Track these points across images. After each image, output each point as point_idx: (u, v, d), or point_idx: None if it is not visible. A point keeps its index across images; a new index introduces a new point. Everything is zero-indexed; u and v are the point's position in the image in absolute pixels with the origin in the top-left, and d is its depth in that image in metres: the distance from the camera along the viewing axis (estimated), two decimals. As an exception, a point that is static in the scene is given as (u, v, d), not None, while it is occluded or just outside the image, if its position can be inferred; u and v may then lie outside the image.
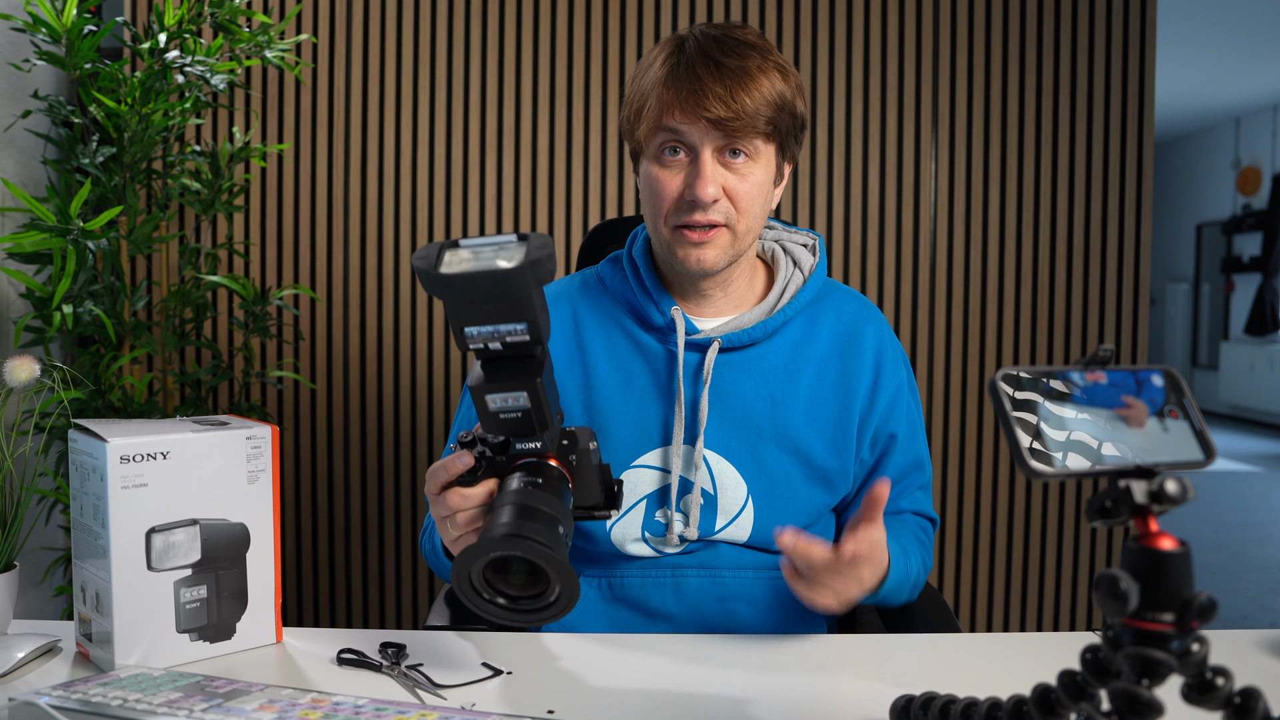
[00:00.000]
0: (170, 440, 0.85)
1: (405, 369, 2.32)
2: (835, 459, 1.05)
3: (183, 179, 1.98)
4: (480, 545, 0.74)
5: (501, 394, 0.76)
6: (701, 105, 0.96)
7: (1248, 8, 5.06)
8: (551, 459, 0.83)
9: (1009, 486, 2.31)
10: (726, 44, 0.99)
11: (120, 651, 0.83)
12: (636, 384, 1.05)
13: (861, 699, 0.79)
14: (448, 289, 0.72)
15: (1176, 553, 0.51)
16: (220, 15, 1.94)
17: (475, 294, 0.71)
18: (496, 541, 0.74)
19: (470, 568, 0.75)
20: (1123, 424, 0.56)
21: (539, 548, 0.73)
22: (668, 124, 0.98)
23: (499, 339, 0.74)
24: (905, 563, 0.99)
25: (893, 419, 1.09)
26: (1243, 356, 7.92)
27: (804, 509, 1.05)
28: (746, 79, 0.96)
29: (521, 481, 0.80)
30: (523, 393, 0.76)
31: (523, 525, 0.75)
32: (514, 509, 0.77)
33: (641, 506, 1.03)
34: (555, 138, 2.29)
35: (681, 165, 1.00)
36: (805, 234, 1.15)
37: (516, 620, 0.77)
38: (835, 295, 1.12)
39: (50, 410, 1.42)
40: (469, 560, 0.75)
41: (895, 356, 1.11)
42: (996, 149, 2.27)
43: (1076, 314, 2.28)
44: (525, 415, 0.77)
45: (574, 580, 0.74)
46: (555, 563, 0.73)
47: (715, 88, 0.96)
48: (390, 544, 2.35)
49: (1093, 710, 0.53)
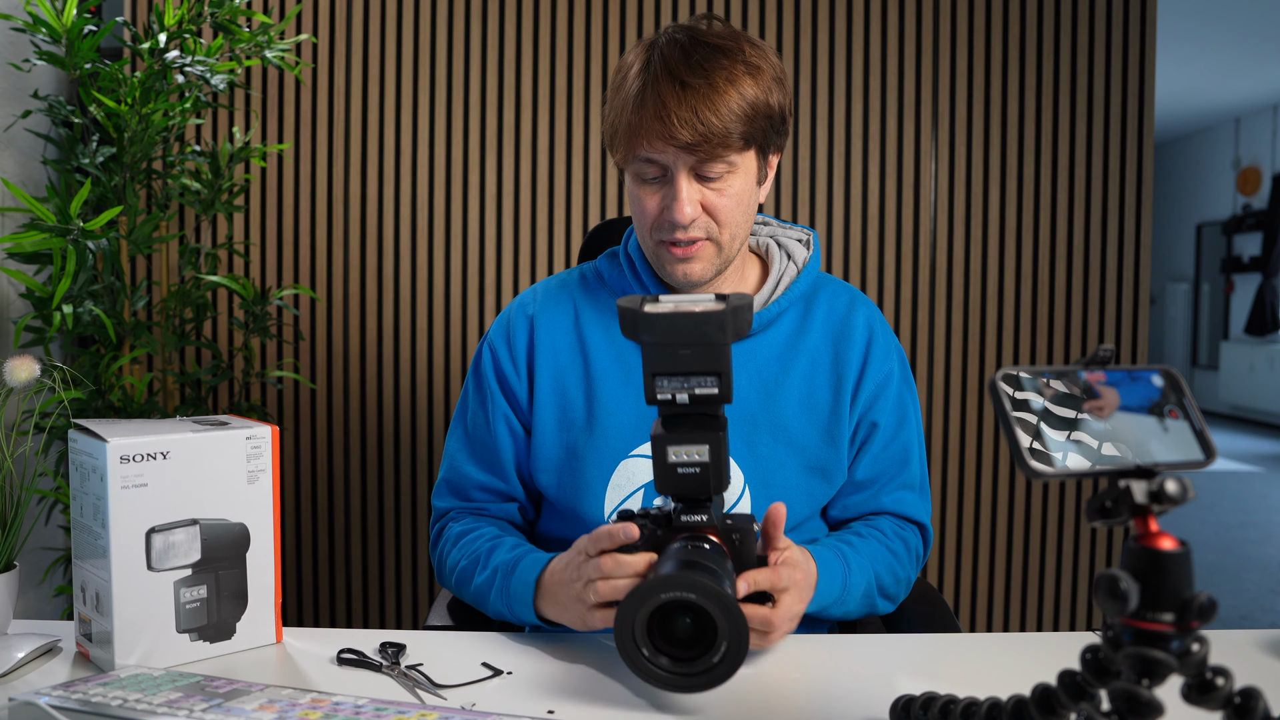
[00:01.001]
0: (170, 440, 0.85)
1: (405, 369, 2.32)
2: (830, 450, 1.05)
3: (183, 179, 1.98)
4: (648, 587, 0.71)
5: (685, 446, 0.77)
6: (669, 133, 0.94)
7: (1248, 8, 5.06)
8: (713, 534, 0.80)
9: (1009, 486, 2.31)
10: (693, 55, 0.96)
11: (120, 651, 0.83)
12: (635, 375, 1.06)
13: (861, 699, 0.79)
14: (651, 329, 0.75)
15: (1176, 553, 0.51)
16: (220, 15, 1.94)
17: (676, 337, 0.75)
18: (666, 580, 0.71)
19: (636, 615, 0.72)
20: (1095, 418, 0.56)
21: (712, 588, 0.70)
22: (640, 153, 0.98)
23: (688, 391, 0.76)
24: (844, 575, 0.96)
25: (876, 408, 1.08)
26: (1243, 356, 7.92)
27: (800, 499, 1.05)
28: (713, 96, 0.94)
29: (684, 543, 0.78)
30: (705, 446, 0.77)
31: (691, 573, 0.72)
32: (679, 563, 0.75)
33: (639, 495, 1.04)
34: (555, 138, 2.29)
35: (659, 185, 1.00)
36: (800, 230, 1.16)
37: (679, 686, 0.73)
38: (829, 287, 1.13)
39: (50, 410, 1.42)
40: (635, 605, 0.72)
41: (886, 346, 1.10)
42: (996, 149, 2.27)
43: (1076, 314, 2.28)
44: (703, 471, 0.77)
45: (743, 632, 0.71)
46: (727, 605, 0.70)
47: (681, 112, 0.94)
48: (390, 544, 2.35)
49: (1093, 710, 0.53)
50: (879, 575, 1.02)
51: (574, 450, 1.06)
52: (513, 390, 1.10)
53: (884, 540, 1.06)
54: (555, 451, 1.07)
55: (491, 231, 2.30)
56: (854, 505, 1.10)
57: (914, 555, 1.09)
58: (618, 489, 1.04)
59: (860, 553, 1.01)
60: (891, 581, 1.04)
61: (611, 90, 1.03)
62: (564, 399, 1.07)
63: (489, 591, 0.99)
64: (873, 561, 1.02)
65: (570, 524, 1.08)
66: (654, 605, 0.72)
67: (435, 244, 2.30)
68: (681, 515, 0.81)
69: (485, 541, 1.04)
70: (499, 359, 1.11)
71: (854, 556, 0.99)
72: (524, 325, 1.11)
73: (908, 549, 1.08)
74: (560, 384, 1.08)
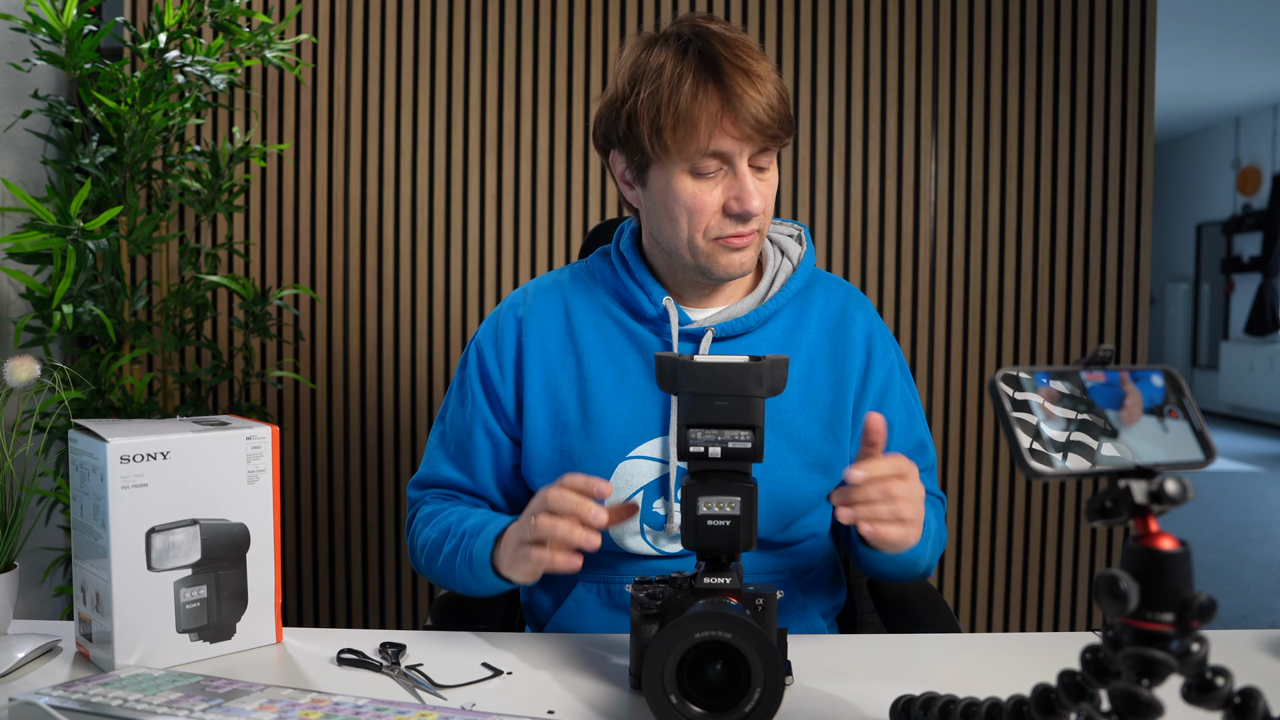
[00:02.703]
0: (170, 440, 0.85)
1: (405, 369, 2.32)
2: (832, 445, 1.05)
3: (183, 179, 1.98)
4: (680, 625, 0.69)
5: (717, 498, 0.77)
6: (748, 119, 0.94)
7: (1248, 8, 5.06)
8: (735, 599, 0.78)
9: (1009, 486, 2.31)
10: (735, 46, 0.97)
11: (120, 651, 0.83)
12: (631, 375, 1.05)
13: (861, 699, 0.79)
14: (693, 378, 0.78)
15: (1176, 553, 0.51)
16: (220, 15, 1.94)
17: (714, 386, 0.77)
18: (701, 618, 0.69)
19: (666, 656, 0.70)
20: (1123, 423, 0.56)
21: (750, 624, 0.69)
22: (703, 146, 0.95)
23: (720, 445, 0.77)
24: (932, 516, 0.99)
25: (887, 403, 1.08)
26: (1243, 356, 7.92)
27: (802, 496, 1.04)
28: (769, 85, 0.96)
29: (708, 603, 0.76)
30: (737, 499, 0.76)
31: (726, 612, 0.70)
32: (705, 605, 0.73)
33: (639, 498, 1.03)
34: (555, 138, 2.29)
35: (718, 178, 0.98)
36: (790, 225, 1.15)
37: None
38: (823, 283, 1.13)
39: (50, 410, 1.42)
40: (666, 645, 0.69)
41: (884, 340, 1.11)
42: (996, 149, 2.27)
43: (1076, 314, 2.28)
44: (734, 525, 0.77)
45: (779, 678, 0.69)
46: (764, 648, 0.68)
47: (756, 98, 0.94)
48: (390, 544, 2.35)
49: (1093, 710, 0.53)
50: (940, 536, 1.06)
51: (569, 453, 1.05)
52: (496, 394, 1.09)
53: (929, 502, 1.06)
54: (549, 455, 1.06)
55: (491, 231, 2.30)
56: None
57: (944, 520, 1.12)
58: (616, 491, 1.03)
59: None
60: (937, 539, 1.05)
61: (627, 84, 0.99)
62: (556, 401, 1.06)
63: (455, 558, 0.99)
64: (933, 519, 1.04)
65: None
66: (688, 645, 0.70)
67: (435, 244, 2.30)
68: (704, 577, 0.78)
69: (455, 516, 1.04)
70: (484, 361, 1.10)
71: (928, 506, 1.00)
72: (512, 327, 1.10)
73: (942, 514, 1.11)
74: (552, 386, 1.06)
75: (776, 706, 0.69)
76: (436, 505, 1.09)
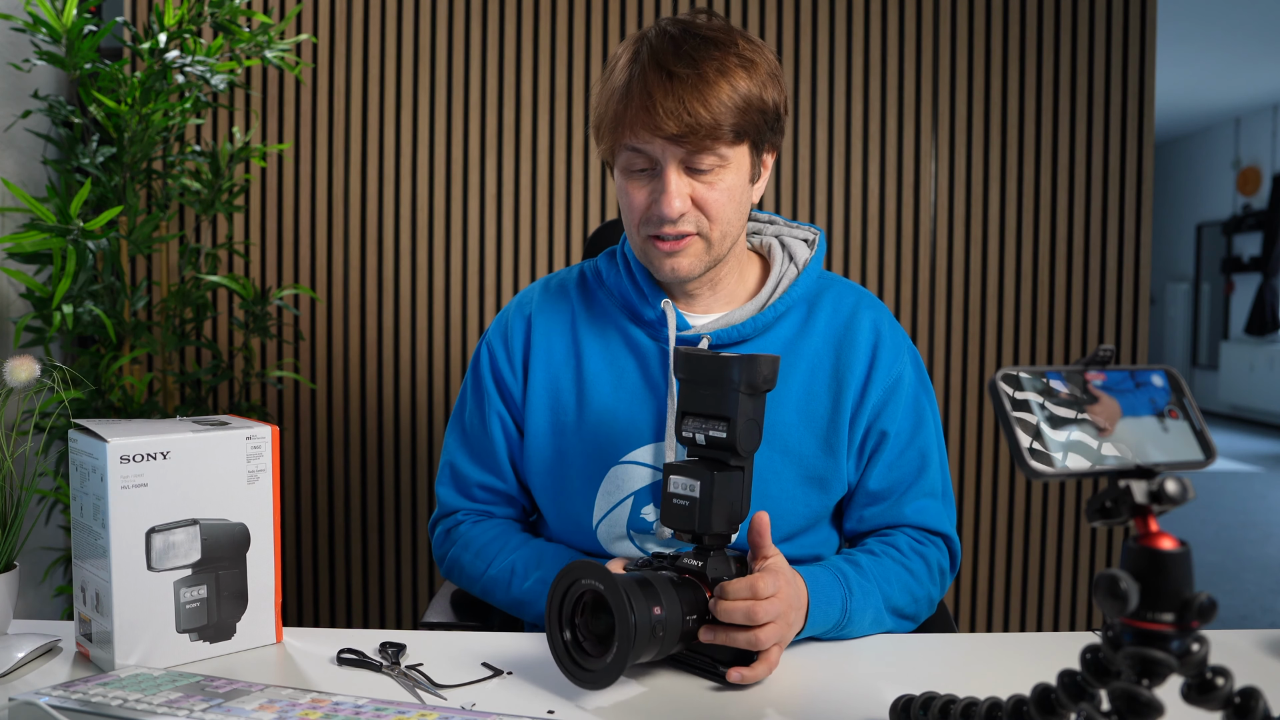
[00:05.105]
0: (170, 440, 0.85)
1: (405, 369, 2.32)
2: (828, 460, 1.02)
3: (183, 179, 1.98)
4: (577, 567, 0.78)
5: (683, 477, 0.83)
6: (655, 123, 0.92)
7: (1248, 8, 5.06)
8: (699, 582, 0.83)
9: (1009, 486, 2.31)
10: (684, 46, 0.94)
11: (120, 651, 0.83)
12: (628, 380, 1.04)
13: (861, 699, 0.79)
14: (679, 368, 0.86)
15: (1176, 553, 0.51)
16: (220, 15, 1.94)
17: (699, 375, 0.84)
18: (592, 569, 0.77)
19: (556, 590, 0.79)
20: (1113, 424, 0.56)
21: (625, 587, 0.75)
22: (627, 143, 0.96)
23: (704, 433, 0.84)
24: (844, 600, 0.91)
25: (885, 415, 1.03)
26: (1243, 356, 7.92)
27: (797, 511, 1.02)
28: (703, 87, 0.92)
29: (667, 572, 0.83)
30: (697, 483, 0.82)
31: (628, 581, 0.77)
32: (634, 576, 0.80)
33: (629, 503, 1.02)
34: (555, 138, 2.29)
35: (647, 178, 0.98)
36: (807, 229, 1.12)
37: (563, 667, 0.79)
38: (834, 289, 1.08)
39: (50, 410, 1.42)
40: (562, 582, 0.79)
41: (895, 349, 1.05)
42: (996, 149, 2.27)
43: (1076, 314, 2.28)
44: (692, 505, 0.82)
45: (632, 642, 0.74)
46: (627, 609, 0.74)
47: (667, 102, 0.92)
48: (390, 544, 2.35)
49: (1093, 710, 0.53)
50: (890, 597, 0.97)
51: (564, 454, 1.05)
52: (508, 390, 1.09)
53: (899, 559, 1.01)
54: (546, 454, 1.06)
55: (491, 231, 2.30)
56: (871, 517, 1.05)
57: (937, 571, 1.03)
58: (607, 495, 1.03)
59: (867, 574, 0.95)
60: (908, 601, 0.99)
61: (600, 84, 1.01)
62: (557, 402, 1.06)
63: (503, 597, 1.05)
64: (882, 583, 0.96)
65: (562, 527, 1.07)
66: (567, 584, 0.79)
67: (435, 244, 2.30)
68: (684, 558, 0.84)
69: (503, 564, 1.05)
70: (495, 358, 1.10)
71: (857, 579, 0.94)
72: (521, 325, 1.10)
73: (928, 566, 1.02)
74: (554, 386, 1.07)
75: (620, 670, 0.75)
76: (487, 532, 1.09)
